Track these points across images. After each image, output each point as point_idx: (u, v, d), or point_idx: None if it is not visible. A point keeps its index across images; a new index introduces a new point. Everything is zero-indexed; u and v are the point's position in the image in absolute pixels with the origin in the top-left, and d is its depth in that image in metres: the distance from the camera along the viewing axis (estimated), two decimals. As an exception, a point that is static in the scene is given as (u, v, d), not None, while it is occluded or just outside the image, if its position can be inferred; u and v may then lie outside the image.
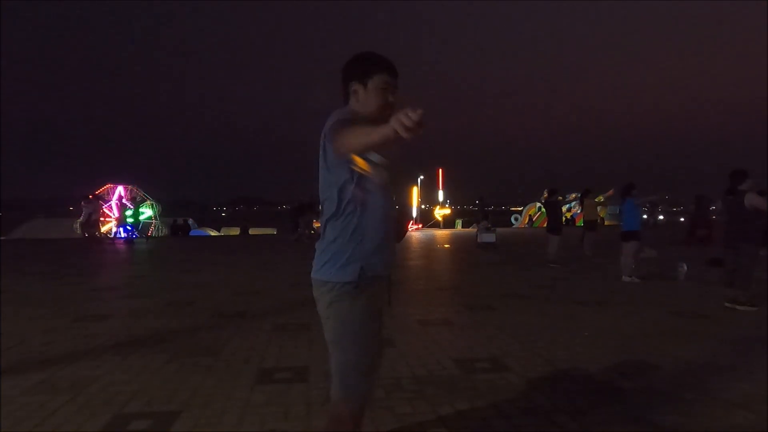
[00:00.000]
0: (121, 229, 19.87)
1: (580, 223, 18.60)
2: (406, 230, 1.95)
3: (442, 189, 28.09)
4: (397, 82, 1.76)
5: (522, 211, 31.38)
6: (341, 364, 1.71)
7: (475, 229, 15.94)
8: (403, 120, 1.20)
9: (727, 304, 5.47)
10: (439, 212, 27.81)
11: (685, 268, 7.55)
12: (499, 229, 15.29)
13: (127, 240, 17.62)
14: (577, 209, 24.70)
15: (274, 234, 25.92)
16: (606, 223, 20.06)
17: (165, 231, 28.86)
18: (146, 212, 30.18)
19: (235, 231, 27.33)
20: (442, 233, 21.70)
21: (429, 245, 15.03)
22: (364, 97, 1.73)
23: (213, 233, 28.48)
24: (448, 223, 29.29)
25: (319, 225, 1.85)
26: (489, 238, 13.64)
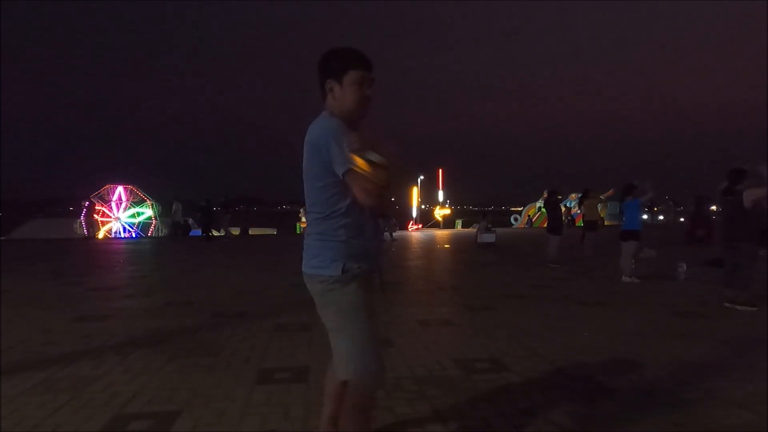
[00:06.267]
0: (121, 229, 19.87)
1: (580, 223, 18.60)
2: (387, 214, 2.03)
3: (442, 189, 28.12)
4: (372, 75, 1.76)
5: (521, 211, 31.38)
6: (346, 347, 1.76)
7: (475, 229, 15.95)
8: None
9: (727, 304, 5.47)
10: (439, 212, 27.82)
11: (685, 268, 7.55)
12: (499, 229, 15.29)
13: None
14: (577, 209, 24.71)
15: (274, 234, 25.95)
16: (606, 223, 20.07)
17: (165, 231, 28.83)
18: (146, 212, 30.18)
19: (236, 231, 27.33)
20: (442, 233, 21.70)
21: (429, 245, 15.03)
22: (341, 94, 1.75)
23: (213, 233, 28.45)
24: (448, 223, 29.29)
25: (305, 223, 1.90)
26: (489, 238, 13.65)
